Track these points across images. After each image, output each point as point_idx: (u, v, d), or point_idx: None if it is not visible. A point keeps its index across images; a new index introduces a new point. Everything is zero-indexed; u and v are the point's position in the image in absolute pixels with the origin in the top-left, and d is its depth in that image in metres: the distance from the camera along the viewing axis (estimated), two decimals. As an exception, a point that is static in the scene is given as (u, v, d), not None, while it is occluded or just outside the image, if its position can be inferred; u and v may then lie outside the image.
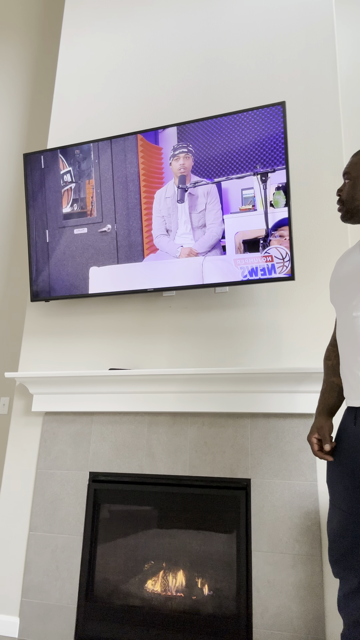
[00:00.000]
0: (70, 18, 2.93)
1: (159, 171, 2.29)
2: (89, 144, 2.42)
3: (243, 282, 2.10)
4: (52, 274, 2.43)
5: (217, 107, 2.48)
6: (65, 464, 2.19)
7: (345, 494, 1.38)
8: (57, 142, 2.71)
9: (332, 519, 1.42)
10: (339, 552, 1.40)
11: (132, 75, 2.69)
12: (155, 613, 1.93)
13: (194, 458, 2.04)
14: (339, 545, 1.39)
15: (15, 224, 3.04)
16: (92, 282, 2.35)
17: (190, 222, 2.21)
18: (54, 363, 2.38)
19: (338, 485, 1.40)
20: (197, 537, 1.98)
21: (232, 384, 1.99)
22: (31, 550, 2.13)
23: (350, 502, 1.38)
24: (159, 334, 2.27)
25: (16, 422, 2.33)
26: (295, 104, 2.35)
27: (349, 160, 1.46)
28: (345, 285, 1.35)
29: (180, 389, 2.06)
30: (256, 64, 2.47)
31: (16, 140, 3.19)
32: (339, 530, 1.40)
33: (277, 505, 1.89)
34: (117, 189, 2.35)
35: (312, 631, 1.75)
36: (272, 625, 1.79)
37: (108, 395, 2.16)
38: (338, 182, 2.18)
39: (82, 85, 2.77)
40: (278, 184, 2.08)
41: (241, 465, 1.97)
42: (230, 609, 1.87)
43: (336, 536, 1.40)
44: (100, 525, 2.10)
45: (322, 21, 2.40)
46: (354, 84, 2.58)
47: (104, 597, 2.02)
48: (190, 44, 2.63)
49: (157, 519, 2.04)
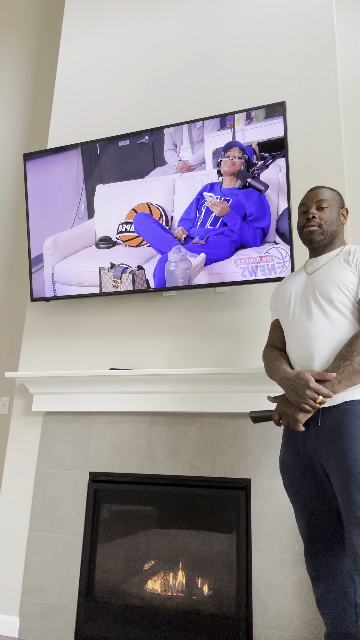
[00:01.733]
0: (70, 18, 2.93)
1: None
2: (89, 144, 2.42)
3: (243, 282, 2.10)
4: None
5: (217, 107, 2.48)
6: (65, 464, 2.19)
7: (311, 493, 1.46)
8: (57, 142, 2.71)
9: (300, 521, 1.49)
10: (315, 552, 1.47)
11: (132, 74, 2.69)
12: (155, 613, 1.93)
13: (194, 458, 2.04)
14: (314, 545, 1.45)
15: (15, 224, 3.04)
16: (92, 282, 2.34)
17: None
18: (54, 363, 2.38)
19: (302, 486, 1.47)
20: (197, 537, 1.98)
21: (232, 384, 1.99)
22: (31, 550, 2.13)
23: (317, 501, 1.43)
24: (159, 334, 2.27)
25: (16, 422, 2.33)
26: (295, 103, 2.35)
27: (318, 191, 1.60)
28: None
29: (180, 389, 2.06)
30: (256, 64, 2.47)
31: (16, 140, 3.19)
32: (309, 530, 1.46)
33: (277, 505, 1.89)
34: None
35: (312, 631, 1.75)
36: (272, 626, 1.79)
37: (108, 395, 2.16)
38: (338, 182, 2.18)
39: (82, 85, 2.77)
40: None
41: (241, 465, 1.97)
42: (230, 609, 1.87)
43: (309, 537, 1.47)
44: (100, 525, 2.10)
45: (322, 21, 2.40)
46: (354, 84, 2.58)
47: (104, 597, 2.02)
48: (190, 44, 2.63)
49: (157, 519, 2.04)
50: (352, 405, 1.36)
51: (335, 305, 1.44)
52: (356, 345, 1.35)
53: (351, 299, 1.44)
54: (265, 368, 1.60)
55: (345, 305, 1.44)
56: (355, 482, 1.28)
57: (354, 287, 1.44)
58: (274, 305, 1.71)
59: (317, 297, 1.48)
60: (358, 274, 1.45)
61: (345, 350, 1.36)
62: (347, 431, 1.32)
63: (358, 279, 1.45)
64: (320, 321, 1.45)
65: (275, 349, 1.61)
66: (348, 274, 1.46)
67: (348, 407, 1.36)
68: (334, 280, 1.47)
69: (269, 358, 1.59)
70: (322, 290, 1.47)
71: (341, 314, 1.43)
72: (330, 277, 1.48)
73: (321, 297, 1.47)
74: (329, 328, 1.43)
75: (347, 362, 1.34)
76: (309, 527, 1.48)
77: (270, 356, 1.59)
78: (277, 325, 1.67)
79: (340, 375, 1.34)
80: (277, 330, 1.66)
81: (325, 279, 1.49)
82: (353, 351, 1.34)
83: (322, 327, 1.44)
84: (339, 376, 1.34)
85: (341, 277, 1.46)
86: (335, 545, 1.44)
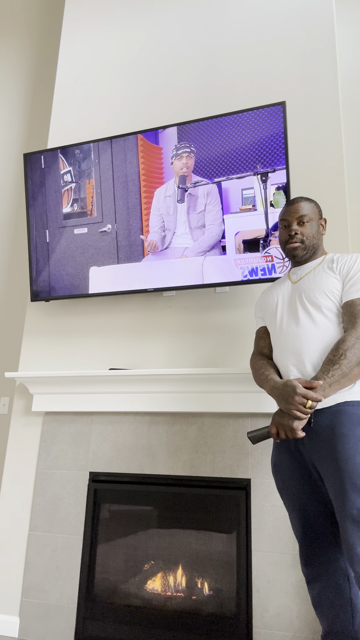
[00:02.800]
0: (70, 18, 2.93)
1: (159, 171, 2.29)
2: (89, 143, 2.42)
3: (243, 282, 2.10)
4: (52, 274, 2.43)
5: (217, 107, 2.48)
6: (65, 464, 2.19)
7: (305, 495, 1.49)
8: (57, 142, 2.71)
9: (295, 522, 1.51)
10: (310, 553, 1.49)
11: (132, 74, 2.69)
12: (155, 613, 1.93)
13: (194, 458, 2.04)
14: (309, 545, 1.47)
15: (15, 224, 3.04)
16: (92, 282, 2.35)
17: (189, 223, 2.21)
18: (54, 363, 2.38)
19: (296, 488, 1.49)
20: (197, 537, 1.97)
21: (232, 384, 1.99)
22: (31, 550, 2.13)
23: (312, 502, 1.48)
24: (159, 334, 2.27)
25: (16, 422, 2.33)
26: (295, 103, 2.35)
27: (298, 205, 1.62)
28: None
29: (180, 389, 2.06)
30: (256, 64, 2.47)
31: (16, 140, 3.19)
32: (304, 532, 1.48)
33: (277, 505, 1.89)
34: (117, 188, 2.35)
35: (312, 631, 1.75)
36: (272, 625, 1.79)
37: (108, 395, 2.16)
38: (338, 182, 2.18)
39: (82, 85, 2.77)
40: (278, 184, 2.08)
41: (241, 465, 1.97)
42: (230, 609, 1.87)
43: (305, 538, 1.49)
44: (100, 525, 2.10)
45: (322, 21, 2.40)
46: (354, 84, 2.58)
47: (104, 597, 2.02)
48: (190, 44, 2.63)
49: (157, 519, 2.04)
50: (344, 406, 1.39)
51: (322, 311, 1.49)
52: (342, 349, 1.38)
53: (336, 304, 1.49)
54: (254, 376, 1.63)
55: (331, 310, 1.49)
56: (349, 480, 1.30)
57: (339, 292, 1.50)
58: (259, 312, 1.74)
59: (304, 303, 1.53)
60: (342, 280, 1.51)
61: (333, 355, 1.39)
62: (339, 431, 1.35)
63: (342, 285, 1.51)
64: (309, 326, 1.49)
65: (263, 357, 1.65)
66: (333, 281, 1.52)
67: (340, 408, 1.38)
68: (320, 286, 1.52)
69: (257, 366, 1.62)
70: (309, 297, 1.52)
71: (327, 319, 1.48)
72: (317, 284, 1.54)
73: (308, 303, 1.52)
74: (317, 332, 1.47)
75: (335, 365, 1.37)
76: (303, 528, 1.50)
77: (258, 364, 1.62)
78: (263, 332, 1.71)
79: (330, 379, 1.37)
80: (263, 337, 1.70)
81: (312, 285, 1.54)
82: (340, 355, 1.38)
83: (310, 331, 1.48)
84: (329, 380, 1.37)
85: (327, 284, 1.52)
86: (330, 545, 1.47)
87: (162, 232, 2.24)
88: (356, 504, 1.28)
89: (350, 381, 1.38)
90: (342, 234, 2.12)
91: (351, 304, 1.45)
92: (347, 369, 1.36)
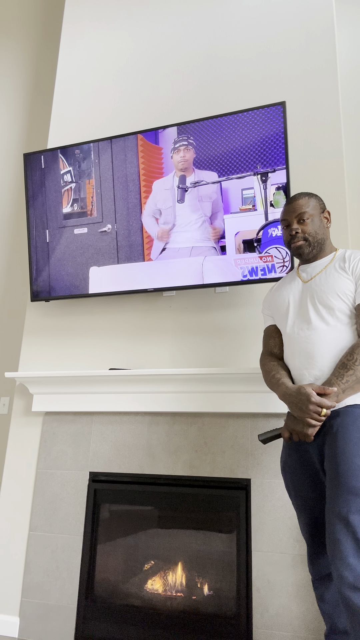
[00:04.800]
0: (70, 18, 2.93)
1: (159, 171, 2.29)
2: (89, 143, 2.42)
3: (243, 282, 2.10)
4: (52, 274, 2.43)
5: (217, 107, 2.48)
6: (65, 464, 2.19)
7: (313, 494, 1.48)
8: (57, 142, 2.71)
9: (303, 521, 1.51)
10: (316, 552, 1.50)
11: (132, 75, 2.69)
12: (155, 613, 1.93)
13: (194, 458, 2.04)
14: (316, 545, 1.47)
15: (15, 224, 3.04)
16: (92, 282, 2.35)
17: (187, 220, 2.21)
18: (54, 363, 2.38)
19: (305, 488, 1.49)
20: (197, 537, 1.97)
21: (232, 384, 1.99)
22: (31, 550, 2.13)
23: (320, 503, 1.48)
24: (159, 334, 2.27)
25: (16, 422, 2.33)
26: (295, 103, 2.35)
27: (296, 204, 1.58)
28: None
29: (180, 389, 2.06)
30: (256, 64, 2.47)
31: (16, 140, 3.19)
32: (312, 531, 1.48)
33: (277, 505, 1.89)
34: (117, 189, 2.35)
35: (312, 631, 1.75)
36: (272, 625, 1.79)
37: (108, 395, 2.16)
38: (338, 181, 2.18)
39: (82, 85, 2.77)
40: (278, 184, 2.08)
41: (241, 465, 1.97)
42: (230, 609, 1.87)
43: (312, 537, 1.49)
44: (100, 525, 2.10)
45: (322, 21, 2.40)
46: (354, 84, 2.58)
47: (104, 597, 2.02)
48: (190, 44, 2.63)
49: (157, 519, 2.04)
50: (352, 407, 1.38)
51: (334, 313, 1.46)
52: (357, 353, 1.37)
53: (350, 306, 1.46)
54: (264, 377, 1.60)
55: (344, 312, 1.46)
56: (343, 480, 1.30)
57: (352, 294, 1.47)
58: (267, 310, 1.70)
59: (316, 305, 1.50)
60: (355, 281, 1.48)
61: (347, 359, 1.38)
62: (343, 433, 1.35)
63: (355, 286, 1.48)
64: (321, 329, 1.47)
65: (274, 358, 1.61)
66: (346, 282, 1.48)
67: (347, 410, 1.38)
68: (332, 288, 1.49)
69: (267, 368, 1.59)
70: (322, 299, 1.49)
71: (340, 321, 1.46)
72: (329, 285, 1.50)
73: (321, 305, 1.49)
74: (329, 335, 1.45)
75: (349, 371, 1.36)
76: (311, 527, 1.50)
77: (268, 366, 1.59)
78: (273, 331, 1.67)
79: (345, 384, 1.36)
80: (273, 336, 1.66)
81: (324, 287, 1.51)
82: (355, 360, 1.36)
83: (323, 334, 1.46)
84: (343, 385, 1.36)
85: (339, 285, 1.48)
86: None
87: (157, 224, 2.23)
88: (346, 503, 1.28)
89: None
90: (342, 233, 2.12)
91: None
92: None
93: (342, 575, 1.24)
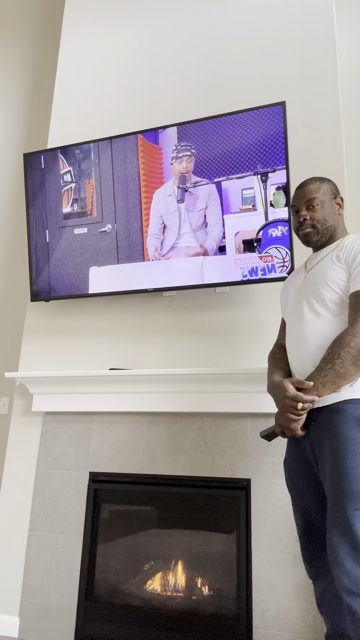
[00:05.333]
0: (70, 18, 2.93)
1: (159, 171, 2.29)
2: (89, 143, 2.42)
3: (243, 282, 2.10)
4: (52, 274, 2.43)
5: (217, 107, 2.48)
6: (65, 464, 2.19)
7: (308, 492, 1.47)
8: (57, 142, 2.71)
9: (298, 518, 1.50)
10: (311, 551, 1.48)
11: (132, 74, 2.69)
12: (155, 613, 1.93)
13: (194, 458, 2.04)
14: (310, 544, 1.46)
15: (15, 224, 3.04)
16: (92, 282, 2.35)
17: (189, 222, 2.21)
18: (54, 363, 2.38)
19: (300, 484, 1.48)
20: (197, 537, 1.97)
21: (232, 384, 1.99)
22: (31, 550, 2.13)
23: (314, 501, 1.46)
24: (159, 334, 2.27)
25: (16, 422, 2.33)
26: (295, 103, 2.35)
27: (306, 189, 1.54)
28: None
29: (180, 389, 2.06)
30: (256, 64, 2.47)
31: (16, 140, 3.19)
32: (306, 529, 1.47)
33: (277, 505, 1.89)
34: (117, 189, 2.35)
35: (312, 631, 1.75)
36: (272, 625, 1.79)
37: (108, 395, 2.16)
38: (338, 181, 2.18)
39: (82, 85, 2.77)
40: (278, 184, 2.08)
41: (241, 465, 1.97)
42: (230, 609, 1.87)
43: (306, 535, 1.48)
44: (100, 525, 2.10)
45: (322, 21, 2.40)
46: (354, 84, 2.58)
47: (104, 597, 2.02)
48: (190, 44, 2.63)
49: (157, 519, 2.04)
50: (344, 404, 1.35)
51: (326, 305, 1.43)
52: (337, 347, 1.33)
53: (341, 295, 1.42)
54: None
55: (335, 303, 1.42)
56: (338, 483, 1.28)
57: (345, 283, 1.42)
58: (280, 302, 1.70)
59: (309, 297, 1.48)
60: (347, 269, 1.43)
61: (328, 353, 1.35)
62: (336, 431, 1.32)
63: (348, 275, 1.42)
64: (311, 321, 1.44)
65: (280, 350, 1.63)
66: (338, 271, 1.44)
67: (339, 406, 1.35)
68: (324, 279, 1.45)
69: (270, 360, 1.61)
70: (314, 290, 1.47)
71: (332, 312, 1.42)
72: (322, 275, 1.47)
73: (313, 296, 1.46)
74: (319, 327, 1.42)
75: (328, 365, 1.34)
76: (305, 525, 1.49)
77: (271, 358, 1.61)
78: (284, 322, 1.69)
79: (324, 379, 1.34)
80: (283, 328, 1.68)
81: (317, 277, 1.48)
82: (334, 354, 1.33)
83: (312, 326, 1.44)
84: (322, 380, 1.34)
85: (331, 275, 1.44)
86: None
87: (162, 235, 2.24)
88: (342, 507, 1.26)
89: (347, 380, 1.33)
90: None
91: (355, 296, 1.37)
92: (341, 369, 1.31)
93: (341, 581, 1.23)
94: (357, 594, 1.21)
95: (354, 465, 1.27)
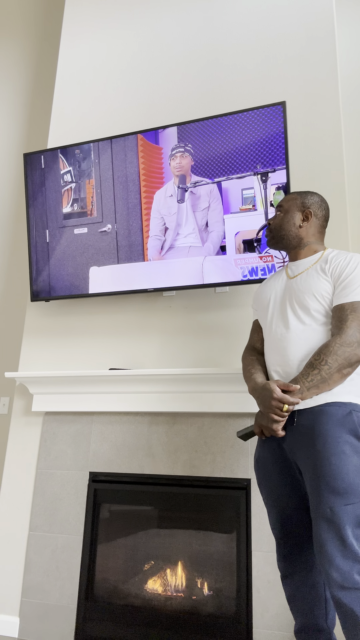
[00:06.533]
0: (70, 18, 2.93)
1: (159, 171, 2.29)
2: (89, 143, 2.42)
3: (243, 282, 2.10)
4: (52, 274, 2.43)
5: (217, 107, 2.48)
6: (65, 464, 2.19)
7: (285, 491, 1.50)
8: (57, 142, 2.71)
9: (273, 518, 1.51)
10: (287, 549, 1.50)
11: (132, 75, 2.69)
12: (155, 613, 1.93)
13: (194, 458, 2.04)
14: (288, 542, 1.50)
15: (15, 224, 3.04)
16: (92, 282, 2.35)
17: (196, 222, 2.21)
18: (54, 363, 2.38)
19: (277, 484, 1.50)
20: (197, 537, 1.97)
21: (232, 384, 1.99)
22: (31, 550, 2.13)
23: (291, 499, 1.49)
24: (159, 334, 2.27)
25: (16, 422, 2.33)
26: (295, 103, 2.35)
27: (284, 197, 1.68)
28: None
29: (180, 389, 2.06)
30: (256, 64, 2.47)
31: (16, 140, 3.19)
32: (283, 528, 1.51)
33: (277, 505, 1.89)
34: (117, 189, 2.35)
35: (312, 631, 1.75)
36: (272, 625, 1.79)
37: (108, 395, 2.16)
38: (338, 181, 2.18)
39: (82, 85, 2.77)
40: (278, 184, 2.08)
41: (241, 465, 1.97)
42: (230, 609, 1.87)
43: (283, 534, 1.48)
44: (100, 525, 2.10)
45: (322, 21, 2.40)
46: (354, 84, 2.58)
47: (104, 597, 2.02)
48: (190, 44, 2.63)
49: (157, 519, 2.04)
50: (326, 406, 1.39)
51: (311, 314, 1.49)
52: (324, 354, 1.38)
53: (326, 307, 1.48)
54: (242, 370, 1.64)
55: (320, 313, 1.48)
56: (324, 480, 1.31)
57: (329, 295, 1.49)
58: (255, 304, 1.74)
59: (294, 305, 1.53)
60: (333, 283, 1.49)
61: (314, 359, 1.40)
62: (319, 431, 1.36)
63: (333, 288, 1.49)
64: (296, 329, 1.49)
65: (254, 352, 1.66)
66: (324, 283, 1.50)
67: (322, 409, 1.39)
68: (310, 289, 1.51)
69: (246, 362, 1.64)
70: (299, 299, 1.52)
71: (316, 321, 1.48)
72: (307, 285, 1.53)
73: (298, 305, 1.51)
74: (303, 335, 1.48)
75: (315, 370, 1.38)
76: (282, 524, 1.51)
77: (247, 360, 1.64)
78: (257, 325, 1.71)
79: (309, 383, 1.38)
80: (257, 331, 1.70)
81: (303, 287, 1.53)
82: (321, 360, 1.38)
83: (297, 334, 1.49)
84: (307, 384, 1.38)
85: (317, 287, 1.50)
86: (308, 542, 1.48)
87: (163, 236, 2.24)
88: (329, 504, 1.29)
89: (330, 386, 1.38)
90: (342, 233, 2.12)
91: (340, 308, 1.44)
92: (326, 375, 1.37)
93: (331, 577, 1.26)
94: (347, 588, 1.24)
95: (340, 463, 1.31)
